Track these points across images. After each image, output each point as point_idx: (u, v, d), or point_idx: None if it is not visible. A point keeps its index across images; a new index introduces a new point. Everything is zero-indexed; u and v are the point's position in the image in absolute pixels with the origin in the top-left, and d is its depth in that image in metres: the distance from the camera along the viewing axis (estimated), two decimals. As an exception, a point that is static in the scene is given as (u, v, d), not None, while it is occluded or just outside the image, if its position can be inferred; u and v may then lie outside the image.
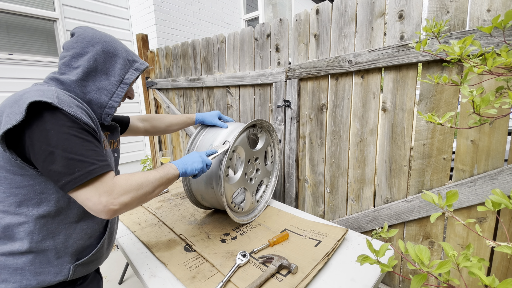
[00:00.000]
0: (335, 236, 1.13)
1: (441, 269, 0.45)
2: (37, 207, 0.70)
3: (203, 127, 1.36)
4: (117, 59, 0.82)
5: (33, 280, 0.70)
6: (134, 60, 0.88)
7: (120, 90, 0.83)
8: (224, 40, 2.10)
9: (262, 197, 1.52)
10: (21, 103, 0.62)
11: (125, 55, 0.85)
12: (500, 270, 1.11)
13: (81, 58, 0.77)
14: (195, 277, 0.94)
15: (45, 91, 0.65)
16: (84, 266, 0.79)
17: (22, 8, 2.57)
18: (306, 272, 0.92)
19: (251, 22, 4.75)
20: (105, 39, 0.81)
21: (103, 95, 0.80)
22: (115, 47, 0.82)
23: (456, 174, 1.16)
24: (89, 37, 0.78)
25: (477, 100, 0.65)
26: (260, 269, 0.97)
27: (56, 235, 0.73)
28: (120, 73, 0.83)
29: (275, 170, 1.61)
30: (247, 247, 1.11)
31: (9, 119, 0.61)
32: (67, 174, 0.62)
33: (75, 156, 0.63)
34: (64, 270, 0.75)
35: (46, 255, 0.72)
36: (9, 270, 0.68)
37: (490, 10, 1.00)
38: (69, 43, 0.79)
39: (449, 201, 0.52)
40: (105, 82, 0.80)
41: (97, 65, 0.78)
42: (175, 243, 1.15)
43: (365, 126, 1.41)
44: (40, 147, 0.62)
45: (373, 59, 1.28)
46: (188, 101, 2.62)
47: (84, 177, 0.63)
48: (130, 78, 0.84)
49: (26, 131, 0.62)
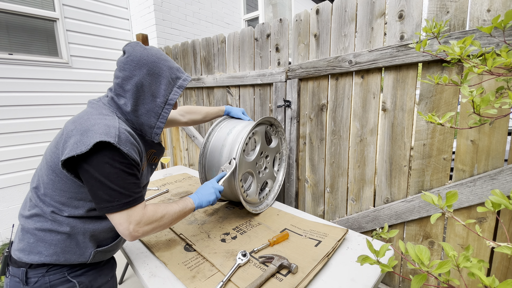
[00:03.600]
0: (335, 236, 1.13)
1: (441, 269, 0.45)
2: (76, 209, 0.84)
3: (226, 118, 1.51)
4: (161, 79, 0.88)
5: (61, 256, 0.83)
6: (178, 77, 0.93)
7: (165, 112, 0.91)
8: (224, 40, 2.10)
9: (264, 198, 1.52)
10: (89, 136, 0.74)
11: (169, 74, 0.90)
12: (500, 270, 1.11)
13: (130, 81, 0.85)
14: (195, 277, 0.94)
15: (110, 127, 0.77)
16: (102, 253, 0.92)
17: (22, 8, 2.57)
18: (306, 272, 0.92)
19: (251, 22, 4.75)
20: (151, 59, 0.87)
21: (151, 118, 0.89)
22: (159, 67, 0.88)
23: (456, 174, 1.16)
24: (137, 59, 0.85)
25: (477, 100, 0.65)
26: (260, 268, 0.96)
27: (87, 225, 0.86)
28: (164, 94, 0.90)
29: (279, 179, 1.62)
30: (247, 246, 1.11)
31: (76, 147, 0.73)
32: (107, 201, 0.76)
33: (117, 188, 0.76)
34: (86, 254, 0.88)
35: (76, 239, 0.85)
36: (45, 244, 0.82)
37: (490, 10, 1.00)
38: (121, 63, 0.86)
39: (449, 202, 0.52)
40: (152, 104, 0.88)
41: (144, 89, 0.86)
42: (175, 242, 1.15)
43: (365, 126, 1.41)
44: (93, 174, 0.75)
45: (373, 59, 1.28)
46: (188, 101, 2.62)
47: (119, 207, 0.77)
48: (173, 98, 0.92)
49: (87, 158, 0.75)
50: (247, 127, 1.35)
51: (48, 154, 0.83)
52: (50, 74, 2.76)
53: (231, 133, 1.35)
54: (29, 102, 2.65)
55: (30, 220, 0.83)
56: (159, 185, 1.87)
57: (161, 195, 1.69)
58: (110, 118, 0.81)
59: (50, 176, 0.81)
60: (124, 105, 0.87)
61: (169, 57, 0.94)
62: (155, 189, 1.77)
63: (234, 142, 1.29)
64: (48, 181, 0.82)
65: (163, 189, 1.77)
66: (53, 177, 0.81)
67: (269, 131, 1.52)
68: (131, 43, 0.89)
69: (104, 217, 0.89)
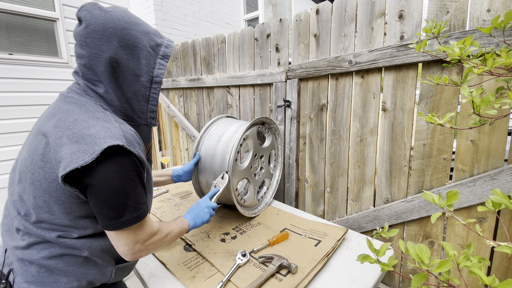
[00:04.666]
0: (335, 236, 1.13)
1: (441, 268, 0.45)
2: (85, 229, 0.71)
3: (217, 120, 1.47)
4: (139, 51, 0.71)
5: (83, 281, 0.73)
6: (158, 44, 0.75)
7: (154, 92, 0.76)
8: (224, 40, 2.10)
9: (263, 198, 1.52)
10: (90, 142, 0.60)
11: (147, 42, 0.72)
12: (500, 270, 1.11)
13: (100, 61, 0.67)
14: (194, 277, 0.94)
15: (110, 128, 0.63)
16: (122, 270, 0.83)
17: (22, 8, 2.57)
18: (306, 272, 0.92)
19: (251, 22, 4.75)
20: (118, 25, 0.67)
21: (141, 101, 0.75)
22: (133, 35, 0.69)
23: (456, 174, 1.16)
24: (100, 28, 0.66)
25: (477, 101, 0.65)
26: (260, 268, 0.96)
27: (103, 241, 0.75)
28: (147, 70, 0.73)
29: (276, 174, 1.63)
30: (247, 246, 1.11)
31: (76, 157, 0.58)
32: (115, 218, 0.64)
33: (127, 202, 0.65)
34: (107, 273, 0.78)
35: (94, 258, 0.74)
36: (61, 271, 0.70)
37: (490, 10, 1.00)
38: (80, 36, 0.67)
39: (449, 201, 0.52)
40: (137, 85, 0.72)
41: (121, 67, 0.69)
42: (175, 242, 1.15)
43: (365, 126, 1.41)
44: (100, 187, 0.62)
45: (373, 59, 1.29)
46: (188, 101, 2.62)
47: (128, 222, 0.66)
48: (160, 74, 0.76)
49: (89, 169, 0.60)
50: (237, 132, 1.29)
51: (32, 171, 0.65)
52: (50, 74, 2.76)
53: (221, 140, 1.29)
54: (29, 102, 2.65)
55: (31, 250, 0.69)
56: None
57: (160, 195, 1.69)
58: (103, 116, 0.67)
59: (42, 198, 0.65)
60: (106, 93, 0.70)
61: (140, 19, 0.75)
62: (155, 189, 1.77)
63: (225, 152, 1.24)
64: (42, 205, 0.66)
65: (163, 189, 1.78)
66: (46, 198, 0.65)
67: (262, 130, 1.49)
68: (86, 6, 0.68)
69: None
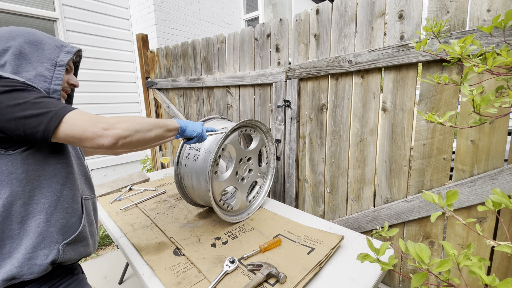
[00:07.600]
0: (329, 243, 1.09)
1: (441, 267, 0.45)
2: (8, 187, 0.67)
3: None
4: (43, 46, 0.78)
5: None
6: (63, 45, 0.83)
7: (58, 73, 0.79)
8: (224, 40, 2.10)
9: (255, 198, 1.50)
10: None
11: (52, 42, 0.81)
12: (500, 269, 1.11)
13: (5, 54, 0.72)
14: (180, 283, 0.90)
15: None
16: (72, 246, 0.78)
17: (22, 8, 2.57)
18: (295, 282, 0.89)
19: (251, 22, 4.75)
20: (25, 31, 0.77)
21: (42, 82, 0.76)
22: (38, 36, 0.79)
23: (456, 174, 1.16)
24: (7, 34, 0.74)
25: (477, 99, 0.65)
26: (248, 276, 0.93)
27: (37, 215, 0.71)
28: (51, 57, 0.79)
29: (269, 173, 1.59)
30: (237, 252, 1.07)
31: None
32: (45, 114, 0.63)
33: (45, 99, 0.65)
34: (54, 250, 0.73)
35: (31, 237, 0.70)
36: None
37: (490, 10, 1.00)
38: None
39: (449, 201, 0.52)
40: (40, 68, 0.76)
41: (24, 56, 0.74)
42: (165, 246, 1.12)
43: (365, 126, 1.41)
44: (8, 105, 0.62)
45: (373, 59, 1.28)
46: (188, 101, 2.62)
47: (64, 109, 0.65)
48: (64, 60, 0.80)
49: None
50: (210, 151, 1.21)
51: None
52: (50, 74, 2.76)
53: (198, 159, 1.25)
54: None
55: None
56: (157, 185, 1.87)
57: (158, 195, 1.68)
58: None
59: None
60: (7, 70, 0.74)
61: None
62: (153, 190, 1.76)
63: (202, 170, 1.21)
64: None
65: (160, 189, 1.77)
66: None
67: (247, 133, 1.40)
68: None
69: (55, 197, 0.74)
